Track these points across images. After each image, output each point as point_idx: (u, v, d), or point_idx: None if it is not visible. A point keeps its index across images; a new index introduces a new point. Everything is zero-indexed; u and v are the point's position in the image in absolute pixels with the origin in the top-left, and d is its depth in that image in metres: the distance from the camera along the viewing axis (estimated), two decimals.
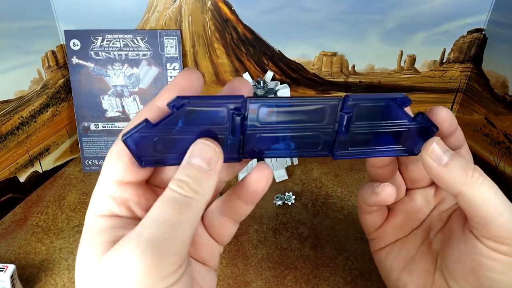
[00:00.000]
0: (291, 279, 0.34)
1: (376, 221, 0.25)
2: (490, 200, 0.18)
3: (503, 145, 0.47)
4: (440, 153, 0.19)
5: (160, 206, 0.16)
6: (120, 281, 0.15)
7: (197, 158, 0.17)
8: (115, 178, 0.17)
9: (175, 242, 0.15)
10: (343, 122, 0.19)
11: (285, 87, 0.47)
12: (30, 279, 0.34)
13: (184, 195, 0.16)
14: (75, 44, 0.50)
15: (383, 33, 0.52)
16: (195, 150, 0.17)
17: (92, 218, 0.17)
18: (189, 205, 0.16)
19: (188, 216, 0.16)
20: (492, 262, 0.18)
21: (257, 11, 0.51)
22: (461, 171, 0.19)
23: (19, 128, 0.45)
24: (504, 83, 0.47)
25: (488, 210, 0.18)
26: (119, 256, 0.15)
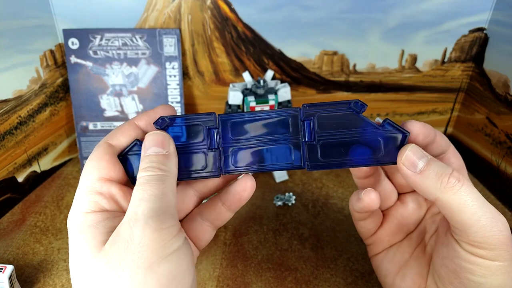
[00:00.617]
0: (291, 280, 0.34)
1: (370, 227, 0.26)
2: (467, 206, 0.18)
3: (504, 145, 0.46)
4: (415, 160, 0.19)
5: (140, 188, 0.18)
6: (133, 257, 0.16)
7: (151, 148, 0.19)
8: (100, 176, 0.19)
9: (166, 208, 0.17)
10: (306, 130, 0.21)
11: (285, 86, 0.46)
12: (28, 279, 0.34)
13: (155, 174, 0.18)
14: (73, 43, 0.50)
15: (384, 32, 0.52)
16: (147, 143, 0.20)
17: (80, 216, 0.18)
18: (163, 179, 0.18)
19: (167, 187, 0.18)
20: (472, 266, 0.19)
21: (257, 10, 0.50)
22: (436, 177, 0.19)
23: (17, 128, 0.45)
24: (505, 82, 0.46)
25: (465, 215, 0.18)
26: (123, 237, 0.16)
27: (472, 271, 0.19)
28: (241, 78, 0.55)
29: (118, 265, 0.16)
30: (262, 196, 0.47)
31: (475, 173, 0.52)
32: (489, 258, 0.18)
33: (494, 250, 0.18)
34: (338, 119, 0.21)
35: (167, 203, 0.18)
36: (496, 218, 0.18)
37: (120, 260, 0.16)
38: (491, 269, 0.18)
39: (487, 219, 0.18)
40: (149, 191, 0.17)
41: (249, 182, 0.22)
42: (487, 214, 0.18)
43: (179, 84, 0.52)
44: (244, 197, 0.22)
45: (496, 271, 0.18)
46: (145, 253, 0.16)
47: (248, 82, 0.47)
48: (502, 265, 0.18)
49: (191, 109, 0.58)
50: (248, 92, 0.46)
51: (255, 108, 0.45)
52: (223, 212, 0.23)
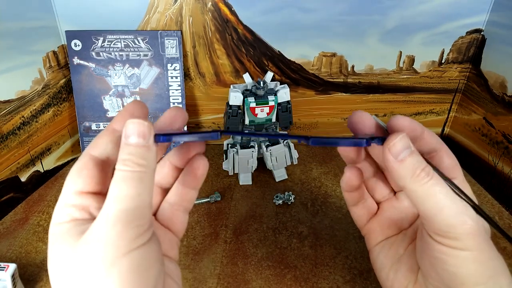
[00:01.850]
0: (290, 278, 0.34)
1: (361, 214, 0.27)
2: (431, 196, 0.20)
3: (501, 145, 0.47)
4: (400, 149, 0.21)
5: (116, 186, 0.18)
6: (100, 250, 0.17)
7: (132, 137, 0.19)
8: (75, 190, 0.19)
9: (137, 210, 0.18)
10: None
11: (285, 87, 0.47)
12: (31, 278, 0.35)
13: (133, 171, 0.18)
14: (76, 45, 0.50)
15: (382, 33, 0.52)
16: (128, 130, 0.19)
17: (55, 227, 0.19)
18: (141, 178, 0.18)
19: (143, 187, 0.18)
20: (443, 256, 0.20)
21: (257, 12, 0.51)
22: (411, 169, 0.20)
23: (21, 128, 0.45)
24: (502, 83, 0.47)
25: (429, 205, 0.20)
26: (92, 235, 0.17)
27: (444, 261, 0.20)
28: (242, 79, 0.56)
29: (88, 261, 0.17)
30: (262, 195, 0.47)
31: (472, 173, 0.53)
32: (457, 247, 0.19)
33: (461, 240, 0.19)
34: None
35: (140, 203, 0.18)
36: (462, 211, 0.19)
37: (90, 256, 0.17)
38: (461, 259, 0.19)
39: (451, 210, 0.19)
40: (124, 190, 0.18)
41: (201, 160, 0.23)
42: (451, 206, 0.19)
43: (181, 85, 0.53)
44: (200, 174, 0.23)
45: (466, 260, 0.19)
46: (109, 250, 0.17)
47: (248, 83, 0.48)
48: (472, 254, 0.19)
49: (192, 110, 0.58)
50: (248, 93, 0.46)
51: (255, 109, 0.45)
52: (186, 192, 0.24)
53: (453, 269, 0.19)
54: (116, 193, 0.18)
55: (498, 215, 0.44)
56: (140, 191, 0.18)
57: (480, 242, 0.19)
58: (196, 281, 0.34)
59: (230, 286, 0.34)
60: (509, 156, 0.45)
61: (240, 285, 0.34)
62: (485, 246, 0.19)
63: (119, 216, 0.17)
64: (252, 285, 0.34)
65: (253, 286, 0.34)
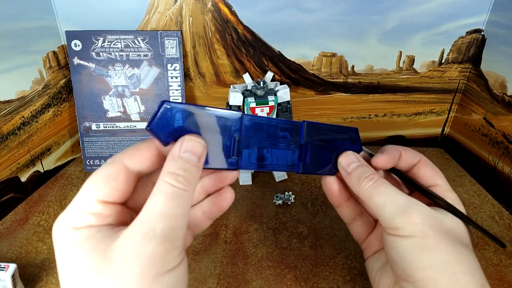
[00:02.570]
0: (290, 278, 0.35)
1: (360, 231, 0.29)
2: (374, 195, 0.23)
3: (501, 145, 0.47)
4: (347, 163, 0.25)
5: (166, 201, 0.17)
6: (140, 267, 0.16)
7: (188, 153, 0.19)
8: (99, 198, 0.19)
9: (181, 230, 0.18)
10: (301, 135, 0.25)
11: (285, 88, 0.47)
12: (31, 278, 0.35)
13: (182, 189, 0.18)
14: (76, 45, 0.50)
15: (382, 33, 0.52)
16: (186, 145, 0.19)
17: (69, 231, 0.18)
18: (188, 198, 0.18)
19: (188, 208, 0.18)
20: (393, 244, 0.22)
21: (257, 12, 0.51)
22: (357, 178, 0.24)
23: (21, 128, 0.45)
24: (502, 83, 0.47)
25: (374, 204, 0.23)
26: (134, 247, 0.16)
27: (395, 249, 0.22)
28: (242, 79, 0.56)
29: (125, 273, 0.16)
30: (262, 195, 0.47)
31: (473, 173, 0.53)
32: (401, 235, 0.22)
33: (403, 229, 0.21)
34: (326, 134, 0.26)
35: (183, 223, 0.18)
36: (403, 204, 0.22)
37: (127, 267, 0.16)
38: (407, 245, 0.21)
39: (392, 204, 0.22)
40: (173, 209, 0.17)
41: (229, 193, 0.24)
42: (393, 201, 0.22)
43: (181, 86, 0.53)
44: (224, 207, 0.24)
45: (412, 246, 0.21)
46: (154, 267, 0.16)
47: (248, 84, 0.48)
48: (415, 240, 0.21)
49: None
50: (248, 93, 0.46)
51: (255, 109, 0.45)
52: (204, 220, 0.24)
53: (402, 255, 0.22)
54: (165, 210, 0.17)
55: (498, 215, 0.44)
56: (185, 212, 0.18)
57: (424, 229, 0.21)
58: (196, 281, 0.34)
59: (230, 286, 0.34)
60: (509, 156, 0.45)
61: (240, 285, 0.34)
62: (430, 233, 0.21)
63: (167, 234, 0.17)
64: (252, 285, 0.34)
65: (253, 286, 0.34)
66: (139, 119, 0.53)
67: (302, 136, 0.25)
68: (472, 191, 0.49)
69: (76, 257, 0.17)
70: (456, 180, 0.52)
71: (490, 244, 0.39)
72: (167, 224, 0.17)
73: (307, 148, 0.25)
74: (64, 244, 0.18)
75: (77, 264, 0.17)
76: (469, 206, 0.46)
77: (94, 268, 0.17)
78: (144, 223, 0.17)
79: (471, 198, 0.47)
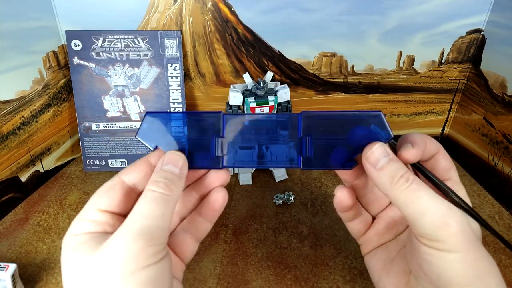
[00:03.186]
0: (290, 278, 0.35)
1: (358, 228, 0.27)
2: (412, 201, 0.20)
3: (501, 145, 0.47)
4: (377, 157, 0.21)
5: (146, 203, 0.20)
6: (120, 262, 0.18)
7: (170, 165, 0.21)
8: (98, 207, 0.21)
9: (159, 230, 0.19)
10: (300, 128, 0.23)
11: (285, 87, 0.47)
12: (31, 278, 0.35)
13: (163, 193, 0.20)
14: (76, 45, 0.50)
15: (382, 33, 0.52)
16: (168, 159, 0.22)
17: (70, 238, 0.20)
18: (167, 201, 0.20)
19: (167, 210, 0.20)
20: (428, 257, 0.20)
21: (257, 12, 0.51)
22: (390, 176, 0.21)
23: (21, 128, 0.45)
24: (502, 83, 0.47)
25: (411, 210, 0.20)
26: (113, 246, 0.18)
27: (430, 263, 0.20)
28: (242, 79, 0.56)
29: (107, 271, 0.18)
30: (262, 195, 0.47)
31: (473, 173, 0.53)
32: (442, 249, 0.19)
33: (445, 242, 0.19)
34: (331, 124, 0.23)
35: (162, 223, 0.19)
36: (445, 213, 0.19)
37: (109, 266, 0.18)
38: (447, 260, 0.19)
39: (433, 213, 0.19)
40: (151, 209, 0.19)
41: (220, 193, 0.24)
42: (434, 209, 0.19)
43: (181, 85, 0.53)
44: (217, 207, 0.24)
45: (452, 262, 0.19)
46: (128, 264, 0.18)
47: (248, 83, 0.48)
48: (457, 255, 0.19)
49: (192, 110, 0.58)
50: (248, 93, 0.46)
51: (255, 109, 0.45)
52: (201, 222, 0.25)
53: (439, 270, 0.20)
54: (144, 211, 0.19)
55: (498, 215, 0.44)
56: (164, 213, 0.20)
57: (465, 243, 0.19)
58: (196, 281, 0.34)
59: (230, 286, 0.34)
60: (509, 156, 0.45)
61: (240, 285, 0.34)
62: (470, 246, 0.19)
63: (143, 232, 0.19)
64: (252, 285, 0.34)
65: (253, 286, 0.34)
66: (139, 119, 0.53)
67: (301, 128, 0.23)
68: (472, 191, 0.49)
69: (70, 262, 0.19)
70: None
71: (490, 244, 0.39)
72: (144, 223, 0.19)
73: (308, 141, 0.23)
74: (65, 250, 0.20)
75: (71, 266, 0.19)
76: None
77: (82, 270, 0.19)
78: (124, 225, 0.19)
79: (471, 198, 0.47)
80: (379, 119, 0.22)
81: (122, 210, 0.22)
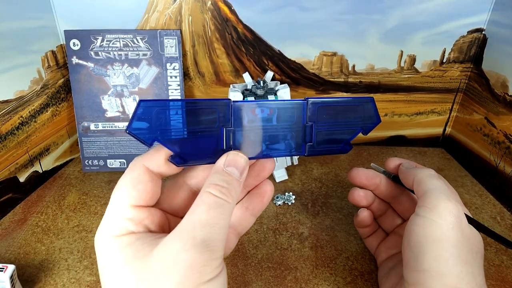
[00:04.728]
0: (291, 279, 0.34)
1: (373, 243, 0.34)
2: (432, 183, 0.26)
3: (503, 145, 0.47)
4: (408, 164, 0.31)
5: (207, 210, 0.18)
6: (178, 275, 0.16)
7: (232, 167, 0.20)
8: (130, 203, 0.19)
9: (221, 241, 0.18)
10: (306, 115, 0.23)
11: (285, 87, 0.47)
12: (29, 279, 0.34)
13: (225, 200, 0.18)
14: (75, 44, 0.50)
15: (383, 33, 0.52)
16: (230, 160, 0.20)
17: (111, 239, 0.18)
18: (228, 209, 0.19)
19: (228, 219, 0.19)
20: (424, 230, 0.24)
21: (257, 11, 0.51)
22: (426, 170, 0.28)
23: (19, 128, 0.45)
24: (504, 83, 0.47)
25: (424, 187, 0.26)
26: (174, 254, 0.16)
27: (420, 236, 0.23)
28: (241, 78, 0.55)
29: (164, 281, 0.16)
30: None
31: (474, 173, 0.52)
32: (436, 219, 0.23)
33: (440, 214, 0.23)
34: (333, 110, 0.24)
35: (224, 234, 0.18)
36: (451, 198, 0.24)
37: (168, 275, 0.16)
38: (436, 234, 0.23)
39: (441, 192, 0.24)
40: (216, 219, 0.18)
41: (268, 186, 0.24)
42: (443, 191, 0.25)
43: (180, 85, 0.53)
44: (265, 200, 0.24)
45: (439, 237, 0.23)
46: (191, 276, 0.16)
47: (248, 83, 0.47)
48: (445, 233, 0.23)
49: None
50: (248, 93, 0.46)
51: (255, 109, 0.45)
52: (247, 217, 0.24)
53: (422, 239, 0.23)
54: (207, 219, 0.17)
55: (500, 216, 0.44)
56: (226, 223, 0.18)
57: (454, 222, 0.23)
58: None
59: (230, 287, 0.34)
60: (511, 156, 0.45)
61: (240, 286, 0.34)
62: (456, 228, 0.23)
63: (208, 244, 0.17)
64: (252, 286, 0.34)
65: (253, 287, 0.34)
66: None
67: (305, 116, 0.23)
68: (473, 192, 0.49)
69: (117, 265, 0.18)
70: (458, 180, 0.52)
71: (491, 245, 0.38)
72: (208, 234, 0.17)
73: (312, 128, 0.23)
74: (106, 253, 0.18)
75: (117, 272, 0.17)
76: (470, 207, 0.46)
77: (134, 275, 0.17)
78: (185, 231, 0.17)
79: (472, 199, 0.47)
80: (372, 104, 0.25)
81: (154, 201, 0.21)
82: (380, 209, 0.34)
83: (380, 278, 0.31)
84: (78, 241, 0.39)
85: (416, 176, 0.27)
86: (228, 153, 0.21)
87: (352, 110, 0.24)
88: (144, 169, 0.20)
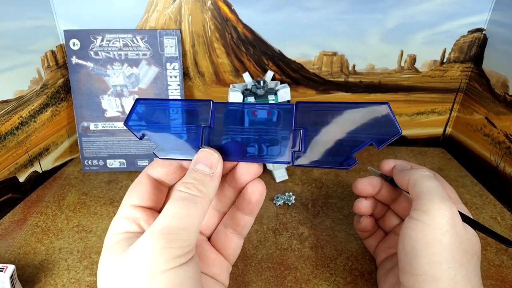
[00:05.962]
0: (291, 280, 0.34)
1: (372, 243, 0.35)
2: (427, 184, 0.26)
3: (503, 145, 0.47)
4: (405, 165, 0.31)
5: (171, 203, 0.19)
6: (140, 264, 0.18)
7: (200, 164, 0.21)
8: (130, 203, 0.22)
9: (183, 230, 0.18)
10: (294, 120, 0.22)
11: (285, 87, 0.47)
12: (29, 279, 0.34)
13: (191, 194, 0.19)
14: (74, 44, 0.50)
15: (383, 32, 0.52)
16: (198, 157, 0.21)
17: (109, 237, 0.21)
18: (196, 201, 0.19)
19: (195, 210, 0.19)
20: (417, 234, 0.24)
21: (257, 11, 0.51)
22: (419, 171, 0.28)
23: (19, 128, 0.45)
24: (504, 83, 0.47)
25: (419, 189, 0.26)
26: (138, 247, 0.18)
27: (413, 240, 0.24)
28: (241, 78, 0.55)
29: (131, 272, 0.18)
30: None
31: (474, 173, 0.52)
32: (428, 223, 0.23)
33: (433, 218, 0.23)
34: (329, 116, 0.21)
35: (187, 225, 0.18)
36: (446, 200, 0.24)
37: (133, 266, 0.18)
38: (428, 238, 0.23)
39: (435, 195, 0.24)
40: (175, 209, 0.19)
41: (257, 185, 0.23)
42: (437, 193, 0.24)
43: (180, 85, 0.52)
44: (254, 199, 0.23)
45: (432, 241, 0.23)
46: (148, 265, 0.17)
47: (248, 83, 0.47)
48: (438, 237, 0.23)
49: None
50: (248, 93, 0.46)
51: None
52: (241, 216, 0.24)
53: (415, 244, 0.23)
54: (167, 211, 0.19)
55: (500, 216, 0.44)
56: (190, 213, 0.19)
57: (447, 226, 0.23)
58: None
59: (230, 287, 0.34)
60: (511, 156, 0.45)
61: (240, 286, 0.34)
62: (449, 231, 0.23)
63: (163, 232, 0.18)
64: (252, 286, 0.34)
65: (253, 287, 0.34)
66: None
67: (294, 120, 0.21)
68: (474, 192, 0.49)
69: (105, 260, 0.19)
70: (458, 180, 0.51)
71: (492, 245, 0.38)
72: (165, 223, 0.18)
73: (301, 134, 0.21)
74: (103, 250, 0.20)
75: (105, 267, 0.19)
76: (471, 207, 0.45)
77: (114, 268, 0.18)
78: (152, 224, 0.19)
79: (473, 199, 0.47)
80: (386, 113, 0.19)
81: (155, 204, 0.22)
82: (380, 212, 0.34)
83: (379, 279, 0.31)
84: (78, 241, 0.39)
85: (410, 178, 0.27)
86: (199, 151, 0.21)
87: (358, 117, 0.20)
88: (146, 174, 0.23)
